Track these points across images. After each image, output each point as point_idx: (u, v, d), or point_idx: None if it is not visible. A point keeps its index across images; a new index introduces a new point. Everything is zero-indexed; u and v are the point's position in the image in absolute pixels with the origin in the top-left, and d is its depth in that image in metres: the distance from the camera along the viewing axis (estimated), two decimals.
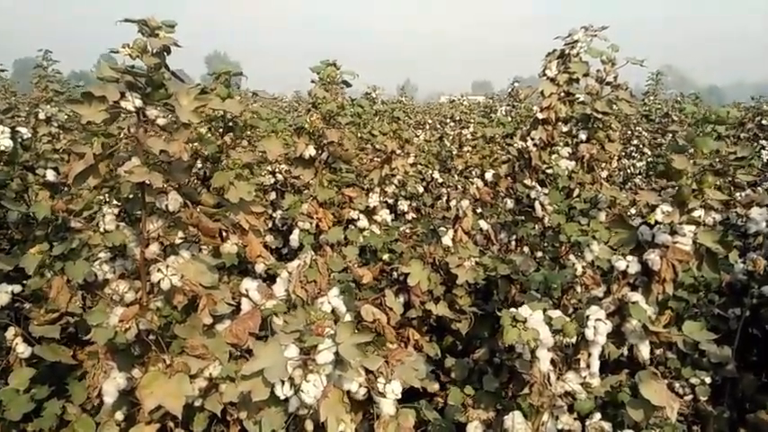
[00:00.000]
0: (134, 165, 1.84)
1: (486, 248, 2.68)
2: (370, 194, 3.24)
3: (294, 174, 2.65)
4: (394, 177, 3.95)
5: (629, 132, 5.90)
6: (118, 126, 1.99)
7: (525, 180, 3.02)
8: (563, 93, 3.66)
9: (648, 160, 5.63)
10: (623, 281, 1.71)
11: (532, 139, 3.44)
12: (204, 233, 1.84)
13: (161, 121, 1.94)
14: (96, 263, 2.03)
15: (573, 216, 2.43)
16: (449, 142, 6.42)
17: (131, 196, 2.11)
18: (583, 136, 2.96)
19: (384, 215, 3.28)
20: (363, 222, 3.12)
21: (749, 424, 2.10)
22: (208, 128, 2.49)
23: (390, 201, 3.99)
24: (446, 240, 2.48)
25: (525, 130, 3.56)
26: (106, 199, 2.39)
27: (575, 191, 2.60)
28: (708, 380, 2.02)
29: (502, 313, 1.53)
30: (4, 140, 2.75)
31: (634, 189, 4.69)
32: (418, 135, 6.20)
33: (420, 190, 4.15)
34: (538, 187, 2.85)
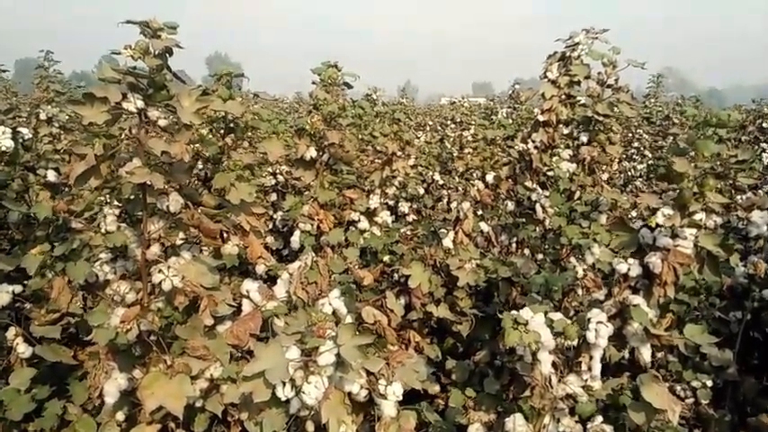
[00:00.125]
0: (135, 166, 1.84)
1: (486, 251, 2.68)
2: (370, 196, 3.25)
3: (295, 175, 2.65)
4: (395, 179, 3.95)
5: (629, 135, 5.90)
6: (119, 127, 1.99)
7: (526, 182, 3.02)
8: (564, 95, 3.66)
9: (649, 163, 5.63)
10: (624, 284, 1.72)
11: (533, 142, 3.44)
12: (205, 234, 1.84)
13: (162, 123, 1.94)
14: (97, 264, 2.03)
15: (574, 218, 2.43)
16: (449, 144, 6.43)
17: (132, 197, 2.11)
18: (584, 138, 2.96)
19: (385, 217, 3.28)
20: (364, 224, 3.12)
21: (750, 427, 2.10)
22: (209, 129, 2.49)
23: (391, 202, 3.99)
24: (447, 242, 2.48)
25: (526, 133, 3.56)
26: (107, 200, 2.40)
27: (576, 193, 2.60)
28: (709, 383, 2.02)
29: (503, 316, 1.53)
30: (6, 141, 2.75)
31: (635, 192, 4.70)
32: (419, 137, 6.21)
33: (421, 192, 4.16)
34: (539, 189, 2.85)
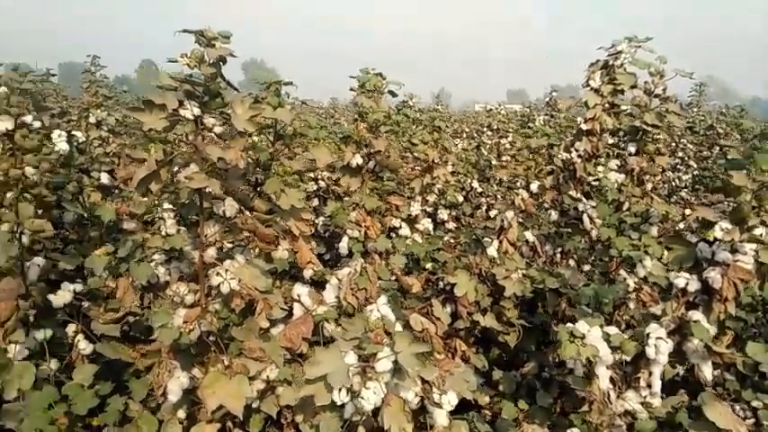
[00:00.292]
0: (193, 171, 1.90)
1: (531, 260, 2.66)
2: (411, 203, 3.26)
3: (341, 182, 2.68)
4: (434, 186, 3.96)
5: (673, 144, 5.76)
6: (173, 133, 2.05)
7: (570, 192, 2.98)
8: (607, 104, 3.61)
9: (694, 173, 5.48)
10: (682, 299, 1.68)
11: (576, 151, 3.39)
12: (261, 239, 1.88)
13: (218, 130, 1.99)
14: (151, 265, 2.09)
15: (623, 230, 2.38)
16: (486, 151, 6.40)
17: (187, 201, 2.17)
18: (632, 149, 2.91)
19: (426, 224, 3.29)
20: (405, 230, 3.13)
21: None
22: (258, 135, 2.54)
23: (429, 209, 3.99)
24: (491, 251, 2.47)
25: (569, 141, 3.52)
26: (161, 203, 2.47)
27: (624, 204, 2.56)
28: None
29: (559, 328, 1.52)
30: (61, 144, 2.87)
31: (682, 203, 4.58)
32: (456, 144, 6.20)
33: (460, 199, 4.15)
34: (584, 200, 2.81)
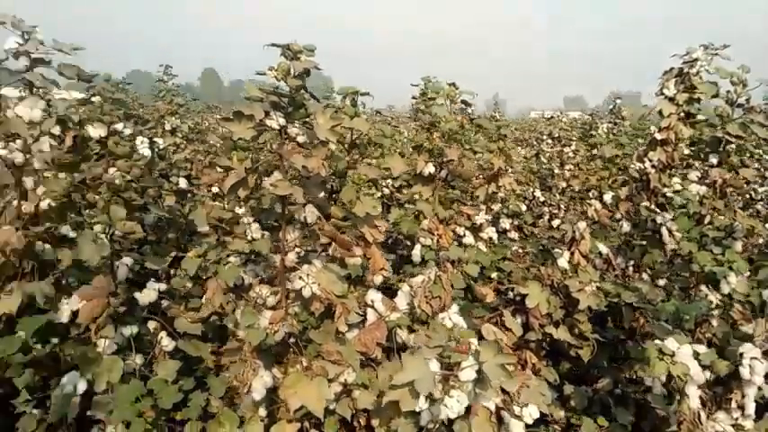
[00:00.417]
0: (277, 179, 1.99)
1: (604, 273, 2.60)
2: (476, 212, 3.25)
3: (413, 190, 2.72)
4: (497, 195, 3.93)
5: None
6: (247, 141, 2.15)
7: (644, 203, 2.89)
8: (683, 113, 3.49)
9: None
10: None
11: (650, 161, 3.30)
12: (340, 245, 1.94)
13: (301, 139, 2.07)
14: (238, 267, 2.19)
15: (705, 244, 2.29)
16: (545, 159, 6.29)
17: (269, 207, 2.27)
18: (713, 160, 2.80)
19: (490, 232, 3.28)
20: (469, 239, 3.13)
21: None
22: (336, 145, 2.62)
23: (490, 218, 3.97)
24: (562, 263, 2.43)
25: (642, 151, 3.42)
26: (243, 209, 2.59)
27: (706, 217, 2.46)
28: None
29: (646, 345, 1.48)
30: (144, 150, 3.06)
31: (759, 217, 4.33)
32: (519, 152, 6.13)
33: (522, 208, 4.10)
34: (663, 212, 2.72)
